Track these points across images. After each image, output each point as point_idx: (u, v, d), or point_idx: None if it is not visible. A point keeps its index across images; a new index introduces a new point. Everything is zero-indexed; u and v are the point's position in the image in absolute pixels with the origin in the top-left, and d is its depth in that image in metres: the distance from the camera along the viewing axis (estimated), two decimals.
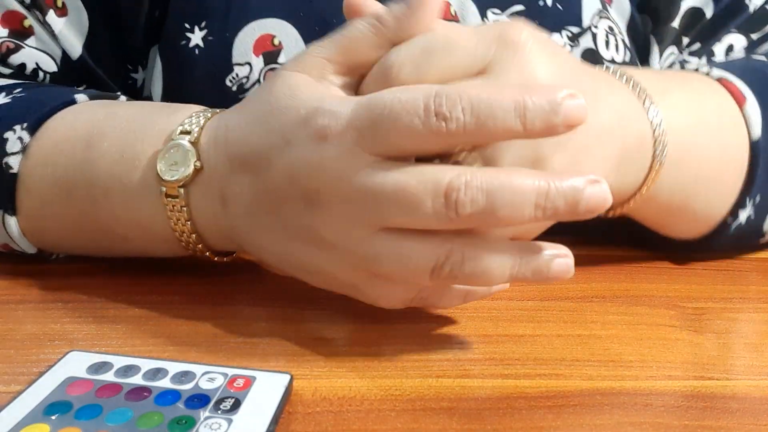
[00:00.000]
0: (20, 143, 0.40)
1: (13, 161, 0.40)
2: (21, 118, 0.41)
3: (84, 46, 0.48)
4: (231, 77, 0.47)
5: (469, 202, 0.30)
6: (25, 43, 0.48)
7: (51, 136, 0.40)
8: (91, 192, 0.39)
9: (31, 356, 0.33)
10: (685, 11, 0.52)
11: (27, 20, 0.48)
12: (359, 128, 0.31)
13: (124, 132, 0.39)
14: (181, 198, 0.36)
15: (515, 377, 0.33)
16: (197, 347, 0.35)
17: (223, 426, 0.27)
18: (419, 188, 0.30)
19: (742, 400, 0.32)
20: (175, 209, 0.36)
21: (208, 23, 0.47)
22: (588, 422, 0.30)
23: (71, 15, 0.48)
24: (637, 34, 0.52)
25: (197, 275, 0.42)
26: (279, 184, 0.33)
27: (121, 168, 0.38)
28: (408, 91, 0.31)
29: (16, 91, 0.44)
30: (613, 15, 0.51)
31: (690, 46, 0.53)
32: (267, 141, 0.34)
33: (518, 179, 0.30)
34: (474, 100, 0.30)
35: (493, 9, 0.48)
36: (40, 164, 0.40)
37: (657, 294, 0.42)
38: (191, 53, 0.47)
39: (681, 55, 0.53)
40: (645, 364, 0.35)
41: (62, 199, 0.40)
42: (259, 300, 0.40)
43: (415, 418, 0.30)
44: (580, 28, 0.49)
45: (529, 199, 0.30)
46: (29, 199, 0.40)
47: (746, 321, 0.40)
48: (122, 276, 0.42)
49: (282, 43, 0.47)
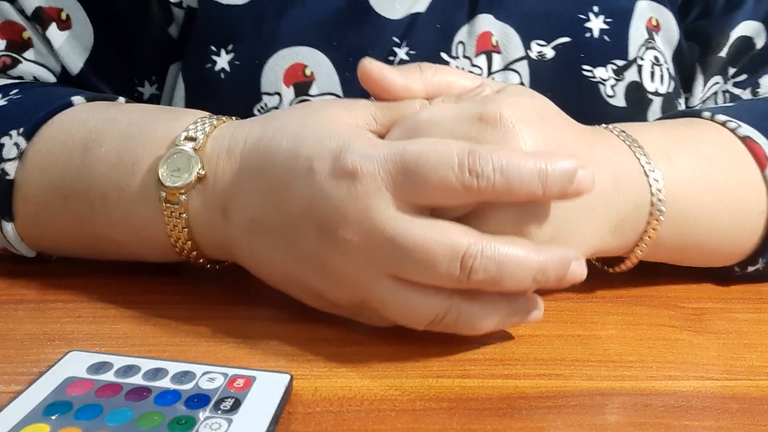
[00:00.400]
0: (16, 149, 0.39)
1: (10, 167, 0.39)
2: (17, 122, 0.40)
3: (87, 61, 0.47)
4: (259, 107, 0.46)
5: (482, 270, 0.31)
6: (23, 56, 0.47)
7: (48, 142, 0.40)
8: (88, 197, 0.38)
9: (31, 356, 0.33)
10: (734, 40, 0.51)
11: (26, 32, 0.47)
12: (391, 172, 0.32)
13: (123, 137, 0.38)
14: (181, 205, 0.36)
15: (515, 377, 0.33)
16: (197, 347, 0.35)
17: (223, 426, 0.27)
18: (439, 249, 0.31)
19: (742, 400, 0.32)
20: (173, 216, 0.36)
21: (235, 46, 0.46)
22: (588, 422, 0.30)
23: (75, 28, 0.47)
24: (683, 62, 0.51)
25: (197, 275, 0.42)
26: (295, 210, 0.33)
27: (119, 173, 0.37)
28: (443, 144, 0.32)
29: (12, 92, 0.44)
30: (659, 44, 0.50)
31: (736, 76, 0.52)
32: (290, 164, 0.33)
33: (523, 253, 0.32)
34: (504, 160, 0.31)
35: (538, 41, 0.48)
36: (36, 170, 0.39)
37: (657, 294, 0.42)
38: (216, 77, 0.46)
39: (725, 84, 0.52)
40: (645, 364, 0.35)
41: (58, 205, 0.39)
42: (259, 300, 0.40)
43: (415, 418, 0.30)
44: (626, 61, 0.48)
45: (530, 273, 0.32)
46: (25, 205, 0.40)
47: (746, 321, 0.40)
48: (122, 276, 0.42)
49: (314, 74, 0.45)
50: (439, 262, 0.31)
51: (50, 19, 0.46)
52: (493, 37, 0.47)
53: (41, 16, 0.46)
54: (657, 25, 0.50)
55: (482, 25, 0.47)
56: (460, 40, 0.47)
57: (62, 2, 0.47)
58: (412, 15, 0.47)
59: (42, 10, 0.46)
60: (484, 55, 0.47)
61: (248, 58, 0.45)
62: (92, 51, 0.47)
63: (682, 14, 0.51)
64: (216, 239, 0.37)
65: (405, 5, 0.47)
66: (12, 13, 0.47)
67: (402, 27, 0.47)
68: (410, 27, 0.47)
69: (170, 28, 0.47)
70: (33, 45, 0.47)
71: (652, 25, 0.50)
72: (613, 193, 0.37)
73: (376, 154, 0.32)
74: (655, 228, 0.38)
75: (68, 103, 0.42)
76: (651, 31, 0.49)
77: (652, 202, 0.38)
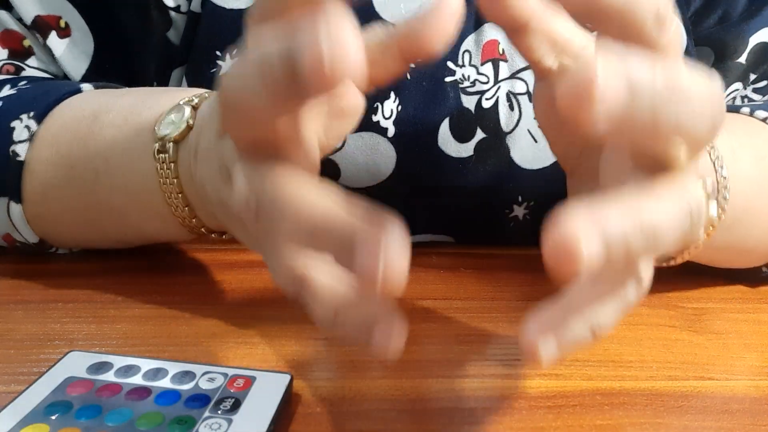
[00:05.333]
0: (27, 131, 0.40)
1: (21, 149, 0.40)
2: (28, 107, 0.41)
3: (89, 68, 0.47)
4: None
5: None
6: (25, 63, 0.47)
7: (57, 120, 0.41)
8: (93, 162, 0.39)
9: (31, 356, 0.33)
10: (753, 46, 0.50)
11: (26, 40, 0.47)
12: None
13: (131, 104, 0.39)
14: (170, 154, 0.36)
15: (515, 377, 0.33)
16: (197, 347, 0.35)
17: (223, 426, 0.27)
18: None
19: (742, 400, 0.32)
20: (164, 166, 0.36)
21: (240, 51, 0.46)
22: (588, 422, 0.30)
23: (75, 36, 0.47)
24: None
25: (197, 275, 0.42)
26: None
27: (123, 134, 0.38)
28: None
29: (21, 84, 0.44)
30: None
31: (756, 82, 0.52)
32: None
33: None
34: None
35: None
36: (46, 146, 0.40)
37: (657, 294, 0.42)
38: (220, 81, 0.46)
39: (744, 90, 0.52)
40: (645, 364, 0.35)
41: (64, 175, 0.40)
42: (260, 300, 0.40)
43: (415, 418, 0.30)
44: None
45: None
46: (33, 182, 0.40)
47: (746, 321, 0.40)
48: (122, 276, 0.42)
49: None
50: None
51: (49, 28, 0.46)
52: (499, 45, 0.47)
53: (40, 24, 0.46)
54: None
55: (489, 34, 0.47)
56: (466, 49, 0.47)
57: (61, 10, 0.46)
58: None
59: (41, 19, 0.46)
60: (491, 64, 0.47)
61: None
62: (93, 58, 0.47)
63: (698, 20, 0.51)
64: (195, 189, 0.36)
65: (411, 10, 0.47)
66: (10, 22, 0.47)
67: None
68: None
69: (169, 33, 0.47)
70: (34, 53, 0.47)
71: None
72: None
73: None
74: (714, 224, 0.36)
75: (77, 89, 0.42)
76: None
77: (716, 199, 0.36)
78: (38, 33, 0.47)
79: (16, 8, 0.46)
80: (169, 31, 0.47)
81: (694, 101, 0.22)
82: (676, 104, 0.22)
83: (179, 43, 0.47)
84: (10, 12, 0.47)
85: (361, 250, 0.22)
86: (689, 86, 0.22)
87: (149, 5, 0.46)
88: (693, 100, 0.22)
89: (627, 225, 0.22)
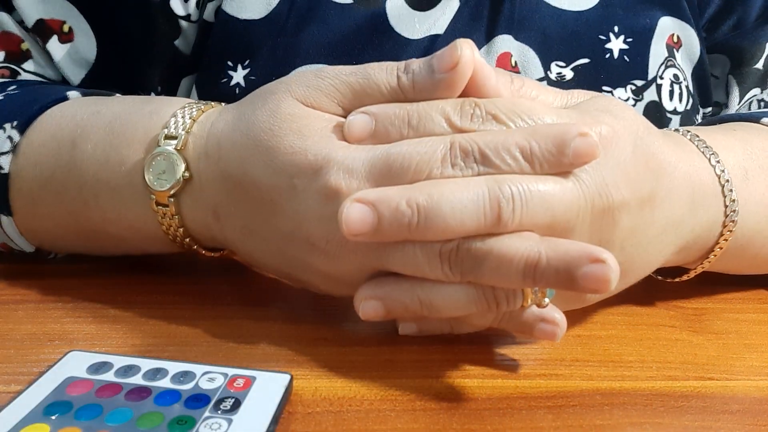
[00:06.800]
0: (10, 142, 0.39)
1: (4, 161, 0.39)
2: (11, 116, 0.40)
3: (89, 73, 0.47)
4: None
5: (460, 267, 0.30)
6: (22, 67, 0.47)
7: (39, 135, 0.40)
8: (81, 195, 0.38)
9: (31, 356, 0.33)
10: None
11: (24, 43, 0.47)
12: (377, 179, 0.31)
13: (107, 133, 0.38)
14: (172, 206, 0.36)
15: (515, 377, 0.33)
16: (197, 347, 0.35)
17: (223, 426, 0.27)
18: (424, 259, 0.30)
19: (742, 400, 0.32)
20: (167, 216, 0.36)
21: (252, 62, 0.45)
22: (588, 422, 0.30)
23: (78, 40, 0.47)
24: (702, 77, 0.51)
25: (197, 275, 0.42)
26: (284, 227, 0.33)
27: (108, 173, 0.37)
28: (425, 143, 0.31)
29: (10, 88, 0.44)
30: (679, 60, 0.50)
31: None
32: (270, 181, 0.33)
33: (506, 246, 0.30)
34: (485, 146, 0.30)
35: (558, 62, 0.47)
36: (30, 164, 0.39)
37: (657, 294, 0.42)
38: (231, 92, 0.45)
39: (762, 94, 0.52)
40: (645, 365, 0.35)
41: (53, 199, 0.39)
42: (260, 300, 0.40)
43: (415, 418, 0.30)
44: (645, 81, 0.48)
45: (517, 269, 0.29)
46: (21, 198, 0.40)
47: (746, 321, 0.40)
48: (122, 276, 0.42)
49: None
50: (427, 270, 0.31)
51: (51, 32, 0.46)
52: (512, 57, 0.47)
53: (42, 28, 0.46)
54: (678, 41, 0.50)
55: (501, 46, 0.47)
56: None
57: (65, 14, 0.46)
58: (432, 36, 0.47)
59: (43, 23, 0.46)
60: None
61: (265, 74, 0.45)
62: (95, 63, 0.47)
63: (713, 28, 0.51)
64: (212, 236, 0.37)
65: (424, 25, 0.47)
66: (10, 24, 0.47)
67: (421, 48, 0.47)
68: (429, 49, 0.46)
69: (177, 41, 0.47)
70: (32, 56, 0.47)
71: (673, 42, 0.50)
72: (689, 214, 0.36)
73: (358, 165, 0.31)
74: (722, 246, 0.38)
75: (63, 97, 0.42)
76: (671, 47, 0.49)
77: (724, 223, 0.37)
78: (39, 36, 0.46)
79: (19, 10, 0.46)
80: (178, 39, 0.47)
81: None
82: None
83: (189, 52, 0.47)
84: (11, 14, 0.47)
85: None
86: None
87: (155, 12, 0.46)
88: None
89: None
